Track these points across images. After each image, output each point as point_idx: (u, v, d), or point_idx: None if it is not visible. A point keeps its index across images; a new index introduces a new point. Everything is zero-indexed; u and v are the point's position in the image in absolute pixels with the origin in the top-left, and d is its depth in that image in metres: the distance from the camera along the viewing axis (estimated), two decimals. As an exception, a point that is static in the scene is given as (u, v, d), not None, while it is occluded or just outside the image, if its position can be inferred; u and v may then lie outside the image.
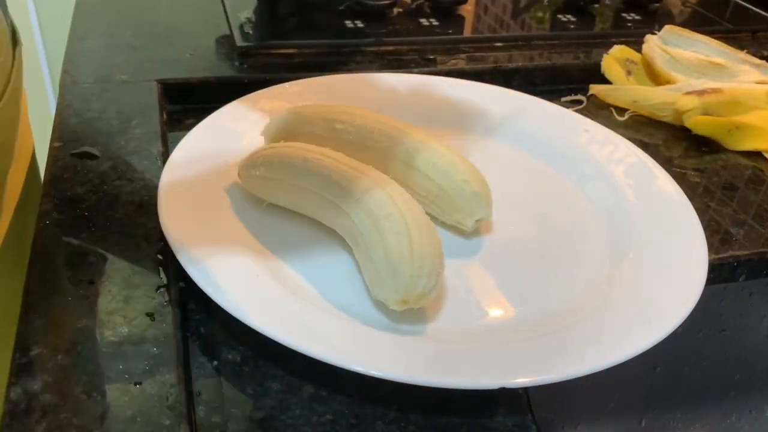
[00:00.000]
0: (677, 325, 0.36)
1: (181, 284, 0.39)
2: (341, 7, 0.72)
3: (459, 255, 0.43)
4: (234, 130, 0.50)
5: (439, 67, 0.63)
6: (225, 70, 0.60)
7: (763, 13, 0.81)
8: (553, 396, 0.48)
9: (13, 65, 0.45)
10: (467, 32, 0.71)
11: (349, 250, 0.41)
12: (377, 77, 0.59)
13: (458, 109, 0.57)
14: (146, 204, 0.43)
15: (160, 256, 0.39)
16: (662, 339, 0.35)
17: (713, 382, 0.56)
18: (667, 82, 0.64)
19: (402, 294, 0.35)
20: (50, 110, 1.35)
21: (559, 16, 0.76)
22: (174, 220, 0.40)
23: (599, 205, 0.46)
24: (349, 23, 0.69)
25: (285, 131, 0.47)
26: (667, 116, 0.60)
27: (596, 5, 0.79)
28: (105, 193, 0.43)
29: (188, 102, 0.57)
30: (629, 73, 0.65)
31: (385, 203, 0.38)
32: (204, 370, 0.35)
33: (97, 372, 0.32)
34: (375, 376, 0.32)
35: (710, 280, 0.40)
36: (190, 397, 0.33)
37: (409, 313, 0.37)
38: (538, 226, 0.46)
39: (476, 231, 0.45)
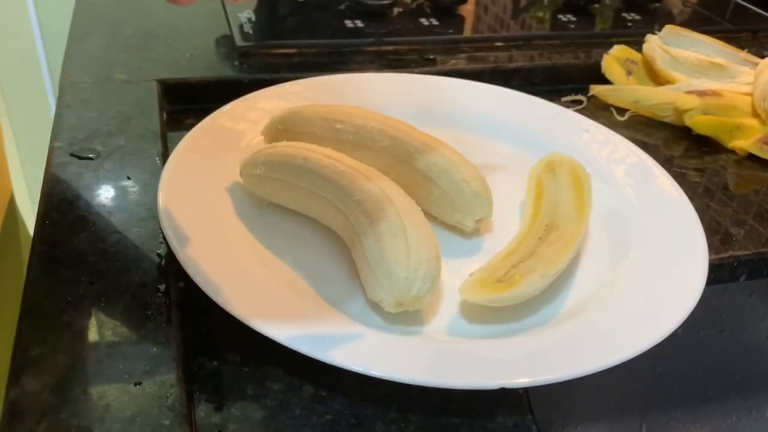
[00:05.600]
0: (677, 326, 0.36)
1: (181, 284, 0.39)
2: (341, 7, 0.72)
3: (459, 255, 0.43)
4: (234, 130, 0.50)
5: (439, 67, 0.63)
6: (225, 70, 0.60)
7: (764, 13, 0.81)
8: (554, 396, 0.48)
9: None
10: (467, 32, 0.71)
11: (349, 251, 0.41)
12: (377, 77, 0.59)
13: (458, 108, 0.57)
14: (146, 204, 0.43)
15: (160, 256, 0.39)
16: (663, 339, 0.35)
17: (713, 382, 0.56)
18: (668, 82, 0.64)
19: (396, 296, 0.35)
20: (50, 110, 1.35)
21: (560, 15, 0.76)
22: (174, 219, 0.40)
23: (599, 205, 0.46)
24: (349, 23, 0.69)
25: (285, 131, 0.47)
26: (667, 116, 0.60)
27: (596, 5, 0.79)
28: (104, 193, 0.43)
29: (188, 102, 0.57)
30: (629, 73, 0.65)
31: (383, 204, 0.38)
32: (204, 370, 0.35)
33: (97, 372, 0.32)
34: (375, 376, 0.32)
35: (710, 280, 0.40)
36: (190, 397, 0.33)
37: (408, 313, 0.37)
38: (539, 226, 0.46)
39: (476, 231, 0.45)
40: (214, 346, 0.37)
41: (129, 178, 0.45)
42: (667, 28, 0.68)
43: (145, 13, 0.69)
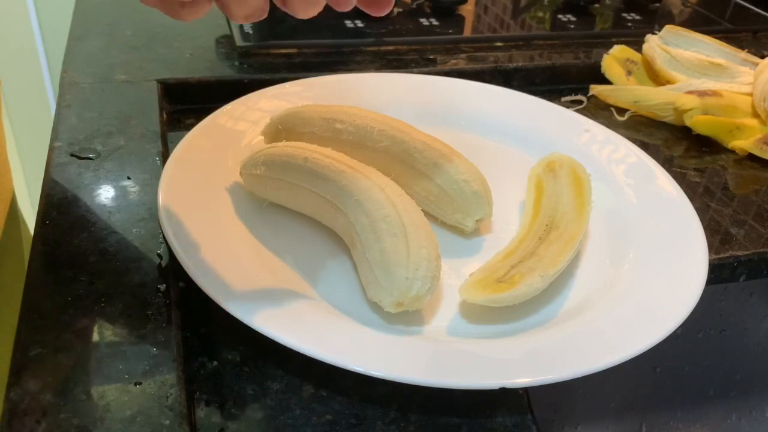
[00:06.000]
0: (677, 326, 0.36)
1: (181, 284, 0.39)
2: (341, 7, 0.72)
3: (459, 255, 0.43)
4: (234, 130, 0.50)
5: (439, 67, 0.63)
6: (225, 70, 0.60)
7: (764, 13, 0.81)
8: (553, 396, 0.48)
9: None
10: (467, 32, 0.71)
11: (349, 251, 0.41)
12: (377, 77, 0.59)
13: (458, 108, 0.57)
14: (146, 204, 0.43)
15: (160, 256, 0.39)
16: (663, 339, 0.35)
17: (713, 382, 0.56)
18: (668, 82, 0.64)
19: (396, 296, 0.35)
20: (50, 110, 1.35)
21: (559, 16, 0.76)
22: (174, 219, 0.40)
23: (599, 205, 0.46)
24: (349, 23, 0.69)
25: (285, 131, 0.47)
26: (667, 116, 0.60)
27: (596, 5, 0.79)
28: (105, 193, 0.43)
29: (188, 102, 0.57)
30: (629, 73, 0.65)
31: (383, 205, 0.38)
32: (204, 370, 0.35)
33: (97, 372, 0.32)
34: (375, 376, 0.32)
35: (710, 280, 0.40)
36: (190, 397, 0.33)
37: (408, 313, 0.37)
38: (539, 226, 0.46)
39: (476, 231, 0.45)
40: (214, 346, 0.37)
41: (129, 178, 0.45)
42: (667, 28, 0.68)
43: (145, 13, 0.69)
